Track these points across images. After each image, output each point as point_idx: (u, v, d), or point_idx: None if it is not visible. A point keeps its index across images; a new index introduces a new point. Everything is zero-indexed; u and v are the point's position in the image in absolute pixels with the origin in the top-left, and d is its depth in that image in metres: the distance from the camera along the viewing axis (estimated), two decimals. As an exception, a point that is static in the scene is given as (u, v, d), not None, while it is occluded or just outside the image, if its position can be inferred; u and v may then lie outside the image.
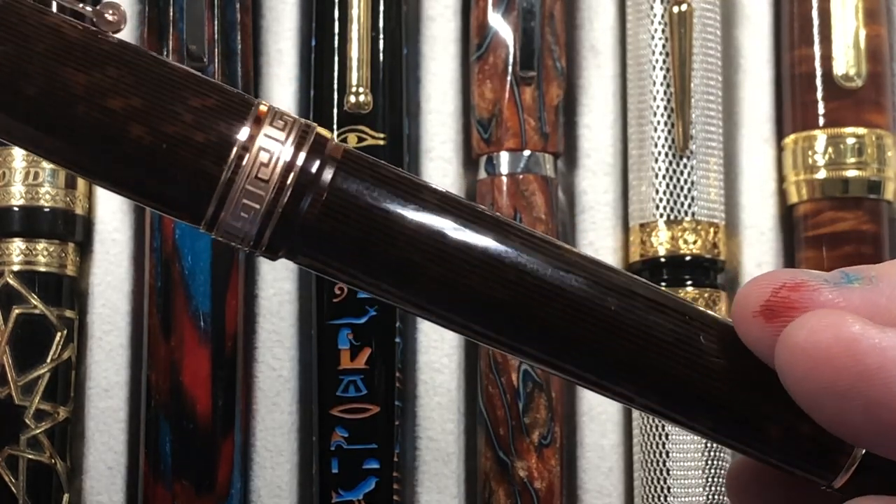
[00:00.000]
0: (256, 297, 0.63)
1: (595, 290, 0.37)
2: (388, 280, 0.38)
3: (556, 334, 0.37)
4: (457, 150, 0.64)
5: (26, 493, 0.59)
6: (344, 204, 0.37)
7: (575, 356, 0.38)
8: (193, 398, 0.59)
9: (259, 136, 0.37)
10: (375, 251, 0.37)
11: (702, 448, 0.61)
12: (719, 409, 0.38)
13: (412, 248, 0.37)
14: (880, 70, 0.64)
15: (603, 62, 0.65)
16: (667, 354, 0.37)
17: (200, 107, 0.37)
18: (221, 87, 0.38)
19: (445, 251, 0.37)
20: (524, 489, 0.61)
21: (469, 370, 0.63)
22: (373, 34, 0.62)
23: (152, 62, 0.37)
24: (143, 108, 0.36)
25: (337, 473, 0.60)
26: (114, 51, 0.37)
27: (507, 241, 0.38)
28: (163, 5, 0.61)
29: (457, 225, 0.37)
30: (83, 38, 0.37)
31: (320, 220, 0.37)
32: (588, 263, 0.38)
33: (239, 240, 0.38)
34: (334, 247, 0.38)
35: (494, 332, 0.38)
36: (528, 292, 0.37)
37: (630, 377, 0.38)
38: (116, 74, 0.36)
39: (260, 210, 0.37)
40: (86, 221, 0.62)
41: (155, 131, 0.36)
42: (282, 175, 0.37)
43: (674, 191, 0.63)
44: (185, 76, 0.37)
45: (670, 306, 0.38)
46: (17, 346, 0.60)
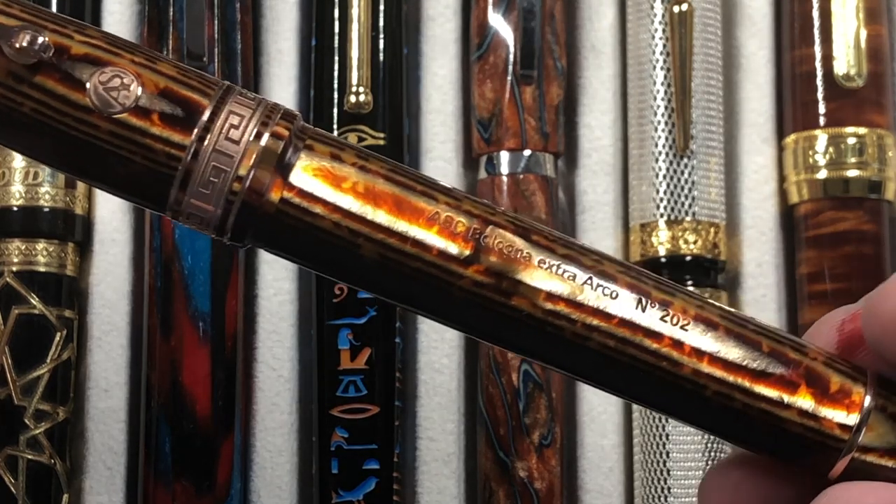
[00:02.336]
0: (256, 297, 0.62)
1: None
2: (356, 272, 0.37)
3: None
4: (457, 150, 0.64)
5: (26, 494, 0.59)
6: (302, 202, 0.36)
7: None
8: (193, 398, 0.59)
9: (221, 115, 0.36)
10: (340, 250, 0.37)
11: (702, 448, 0.61)
12: (715, 407, 0.38)
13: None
14: (881, 70, 0.64)
15: (603, 62, 0.65)
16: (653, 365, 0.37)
17: (162, 88, 0.36)
18: (182, 66, 0.37)
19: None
20: (524, 489, 0.61)
21: (469, 370, 0.63)
22: (373, 34, 0.62)
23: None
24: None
25: (337, 473, 0.60)
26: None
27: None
28: (163, 5, 0.61)
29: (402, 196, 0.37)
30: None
31: (284, 204, 0.36)
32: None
33: (203, 225, 0.37)
34: (299, 233, 0.37)
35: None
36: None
37: (633, 390, 0.38)
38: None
39: (217, 207, 0.36)
40: (85, 221, 0.62)
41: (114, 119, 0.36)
42: (247, 150, 0.36)
43: (674, 191, 0.63)
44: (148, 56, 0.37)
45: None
46: (16, 347, 0.60)
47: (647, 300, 0.37)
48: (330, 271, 0.38)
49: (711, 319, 0.38)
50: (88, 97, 0.36)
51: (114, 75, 0.36)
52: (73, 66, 0.36)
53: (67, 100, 0.36)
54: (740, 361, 0.37)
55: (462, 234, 0.37)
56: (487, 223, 0.37)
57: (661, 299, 0.37)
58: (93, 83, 0.36)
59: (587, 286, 0.37)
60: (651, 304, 0.37)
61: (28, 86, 0.36)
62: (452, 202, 0.37)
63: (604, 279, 0.37)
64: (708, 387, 0.37)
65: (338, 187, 0.37)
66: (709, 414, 0.38)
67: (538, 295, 0.37)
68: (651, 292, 0.37)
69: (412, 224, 0.37)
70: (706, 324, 0.37)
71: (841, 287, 0.62)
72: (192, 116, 0.36)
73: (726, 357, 0.37)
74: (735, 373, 0.37)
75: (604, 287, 0.37)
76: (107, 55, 0.37)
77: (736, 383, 0.37)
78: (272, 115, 0.37)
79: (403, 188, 0.37)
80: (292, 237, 0.37)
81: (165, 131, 0.36)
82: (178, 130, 0.36)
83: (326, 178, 0.37)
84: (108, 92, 0.36)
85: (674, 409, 0.38)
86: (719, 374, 0.37)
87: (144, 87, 0.36)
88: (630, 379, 0.37)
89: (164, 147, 0.36)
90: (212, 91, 0.37)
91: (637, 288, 0.37)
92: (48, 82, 0.36)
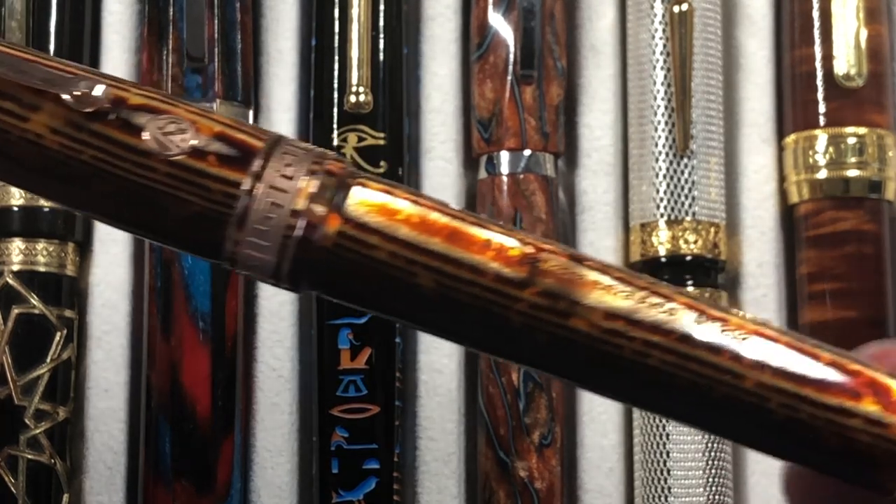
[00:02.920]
0: (256, 297, 0.62)
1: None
2: (415, 310, 0.38)
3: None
4: (457, 150, 0.64)
5: (26, 493, 0.59)
6: (359, 234, 0.37)
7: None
8: (193, 398, 0.59)
9: (275, 155, 0.37)
10: (397, 281, 0.37)
11: (702, 448, 0.61)
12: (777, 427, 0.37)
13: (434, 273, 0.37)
14: (881, 69, 0.64)
15: (603, 62, 0.65)
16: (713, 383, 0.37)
17: (216, 132, 0.37)
18: (230, 121, 0.38)
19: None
20: (524, 489, 0.61)
21: (469, 370, 0.63)
22: (373, 34, 0.62)
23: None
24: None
25: (337, 473, 0.60)
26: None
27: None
28: (163, 5, 0.61)
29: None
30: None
31: (341, 237, 0.37)
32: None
33: (260, 268, 0.37)
34: (356, 267, 0.37)
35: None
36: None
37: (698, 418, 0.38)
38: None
39: (275, 245, 0.37)
40: (85, 221, 0.62)
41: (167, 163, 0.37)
42: (302, 186, 0.37)
43: (674, 191, 0.63)
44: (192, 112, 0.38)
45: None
46: (16, 346, 0.60)
47: (704, 316, 0.37)
48: (387, 306, 0.38)
49: (768, 334, 0.37)
50: (146, 141, 0.37)
51: (170, 121, 0.37)
52: (130, 114, 0.37)
53: (126, 145, 0.37)
54: (803, 372, 0.37)
55: (516, 258, 0.37)
56: (540, 249, 0.37)
57: (717, 316, 0.37)
58: (150, 129, 0.37)
59: (644, 304, 0.37)
60: (709, 319, 0.37)
61: (87, 133, 0.37)
62: (504, 231, 0.38)
63: (659, 297, 0.37)
64: (772, 399, 0.37)
65: (392, 218, 0.37)
66: (774, 429, 0.37)
67: (596, 314, 0.37)
68: (706, 310, 0.37)
69: (467, 251, 0.37)
70: (764, 337, 0.37)
71: (841, 287, 0.62)
72: (248, 156, 0.37)
73: (788, 368, 0.37)
74: (798, 383, 0.37)
75: (660, 305, 0.37)
76: (162, 105, 0.37)
77: (800, 394, 0.37)
78: (324, 156, 0.38)
79: (455, 219, 0.37)
80: (349, 272, 0.37)
81: (222, 171, 0.37)
82: (235, 170, 0.37)
83: (381, 211, 0.37)
84: (165, 136, 0.37)
85: (737, 427, 0.38)
86: (783, 385, 0.37)
87: (200, 132, 0.37)
88: (691, 396, 0.37)
89: (221, 186, 0.37)
90: (264, 137, 0.38)
91: (692, 306, 0.37)
92: (107, 129, 0.37)
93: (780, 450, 0.38)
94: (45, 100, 0.37)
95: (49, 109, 0.37)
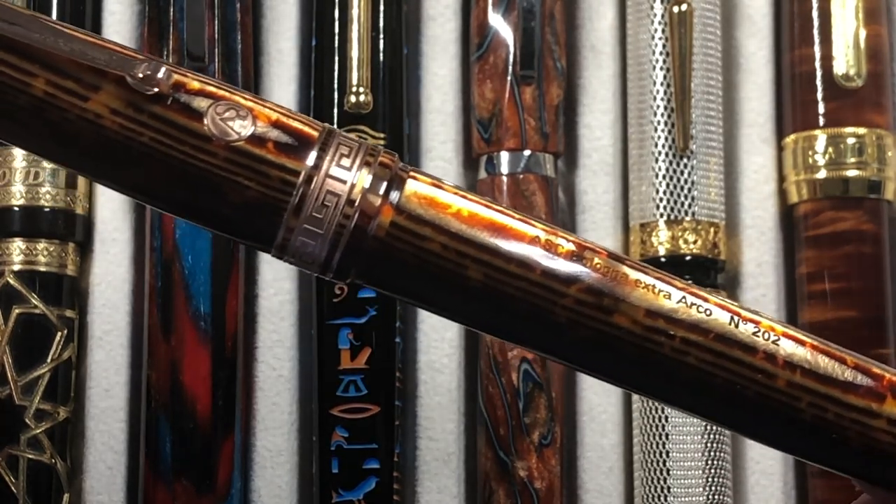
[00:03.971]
0: (256, 297, 0.63)
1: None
2: (461, 302, 0.38)
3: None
4: (457, 150, 0.64)
5: (26, 493, 0.59)
6: (412, 225, 0.37)
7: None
8: (193, 398, 0.59)
9: (332, 145, 0.38)
10: (447, 273, 0.38)
11: (702, 448, 0.61)
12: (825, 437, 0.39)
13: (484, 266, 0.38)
14: (880, 70, 0.64)
15: (603, 62, 0.65)
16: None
17: (274, 120, 0.37)
18: (284, 110, 0.38)
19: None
20: (524, 489, 0.61)
21: (469, 370, 0.63)
22: (373, 34, 0.62)
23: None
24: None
25: (337, 473, 0.60)
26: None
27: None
28: (163, 5, 0.61)
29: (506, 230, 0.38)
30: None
31: (393, 228, 0.37)
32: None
33: (309, 258, 0.38)
34: (406, 258, 0.38)
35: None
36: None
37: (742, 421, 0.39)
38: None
39: (328, 234, 0.37)
40: (86, 221, 0.62)
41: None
42: (358, 176, 0.37)
43: (674, 191, 0.63)
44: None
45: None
46: (17, 346, 0.60)
47: (738, 318, 0.38)
48: (433, 298, 0.39)
49: (798, 337, 0.39)
50: (206, 126, 0.37)
51: (229, 107, 0.37)
52: (190, 98, 0.37)
53: (186, 128, 0.37)
54: (831, 374, 0.39)
55: (563, 254, 0.38)
56: (584, 248, 0.38)
57: (750, 318, 0.39)
58: (210, 114, 0.37)
59: (682, 304, 0.38)
60: (742, 321, 0.38)
61: (148, 115, 0.37)
62: (549, 229, 0.39)
63: (697, 298, 0.38)
64: (802, 398, 0.38)
65: (444, 212, 0.38)
66: (803, 428, 0.39)
67: (638, 312, 0.38)
68: (740, 312, 0.39)
69: (516, 244, 0.38)
70: (794, 340, 0.39)
71: (840, 287, 0.62)
72: (305, 146, 0.37)
73: (817, 370, 0.38)
74: (827, 385, 0.38)
75: (698, 305, 0.38)
76: (221, 91, 0.38)
77: (828, 394, 0.38)
78: (376, 149, 0.38)
79: (503, 214, 0.38)
80: (399, 264, 0.38)
81: (280, 158, 0.37)
82: (293, 158, 0.37)
83: (432, 204, 0.38)
84: (224, 122, 0.37)
85: (769, 425, 0.39)
86: (812, 385, 0.38)
87: (258, 119, 0.37)
88: (727, 395, 0.39)
89: (279, 173, 0.37)
90: (318, 127, 0.38)
91: (727, 308, 0.39)
92: (168, 112, 0.37)
93: (808, 449, 0.40)
94: (107, 80, 0.37)
95: (110, 90, 0.37)
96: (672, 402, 0.40)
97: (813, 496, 0.62)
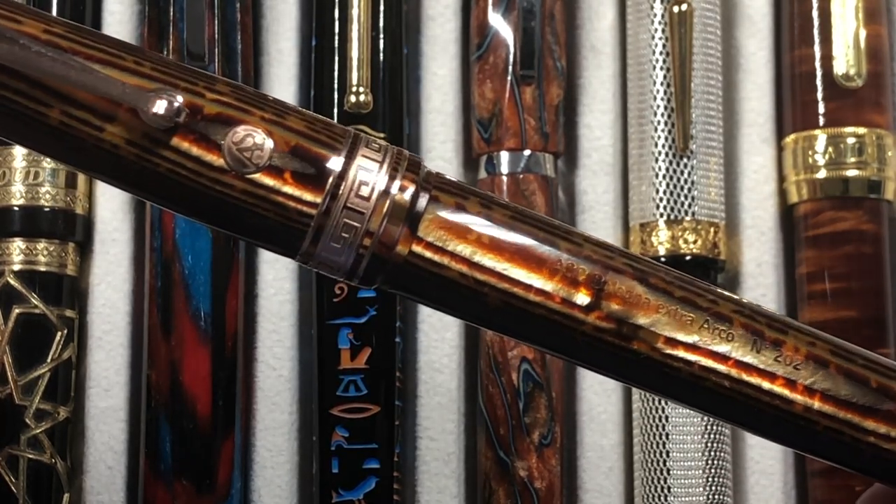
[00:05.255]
0: (256, 297, 0.63)
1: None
2: (487, 312, 0.38)
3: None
4: (457, 150, 0.64)
5: (26, 493, 0.59)
6: (439, 234, 0.37)
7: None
8: (193, 398, 0.59)
9: (350, 171, 0.37)
10: (466, 296, 0.38)
11: (702, 448, 0.61)
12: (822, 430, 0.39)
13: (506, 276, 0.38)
14: (880, 70, 0.64)
15: (603, 62, 0.65)
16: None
17: (293, 146, 0.37)
18: (309, 117, 0.38)
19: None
20: (524, 489, 0.61)
21: (469, 370, 0.63)
22: (373, 34, 0.62)
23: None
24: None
25: (337, 473, 0.60)
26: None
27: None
28: (163, 5, 0.61)
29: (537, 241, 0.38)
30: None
31: (412, 256, 0.38)
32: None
33: (334, 271, 0.38)
34: (427, 282, 0.38)
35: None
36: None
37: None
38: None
39: (348, 258, 0.37)
40: (86, 221, 0.62)
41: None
42: (377, 206, 0.37)
43: (674, 191, 0.63)
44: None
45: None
46: (17, 346, 0.60)
47: (761, 340, 0.38)
48: (458, 314, 0.39)
49: (822, 357, 0.39)
50: (223, 158, 0.37)
51: (246, 135, 0.37)
52: (206, 128, 0.37)
53: (202, 161, 0.37)
54: (850, 399, 0.39)
55: (584, 281, 0.38)
56: (607, 268, 0.38)
57: (774, 339, 0.39)
58: (227, 144, 0.37)
59: (704, 329, 0.38)
60: (765, 345, 0.38)
61: (163, 147, 0.37)
62: (573, 248, 0.38)
63: (719, 321, 0.38)
64: (819, 422, 0.39)
65: (463, 239, 0.38)
66: (819, 446, 0.39)
67: (657, 339, 0.38)
68: (764, 331, 0.39)
69: (535, 274, 0.38)
70: (817, 361, 0.39)
71: (840, 287, 0.62)
72: (323, 174, 0.37)
73: (837, 395, 0.39)
74: (845, 409, 0.39)
75: (720, 329, 0.38)
76: (238, 113, 0.37)
77: (846, 419, 0.39)
78: (399, 164, 0.38)
79: (526, 235, 0.38)
80: (421, 284, 0.38)
81: (298, 189, 0.37)
82: (310, 188, 0.37)
83: (452, 231, 0.38)
84: (241, 153, 0.37)
85: (785, 440, 0.40)
86: (830, 410, 0.39)
87: (276, 146, 0.37)
88: (744, 415, 0.39)
89: (296, 205, 0.37)
90: (340, 143, 0.37)
91: (751, 328, 0.39)
92: (183, 144, 0.37)
93: (825, 457, 0.40)
94: (121, 111, 0.36)
95: (124, 121, 0.36)
96: (691, 408, 0.40)
97: (813, 496, 0.62)
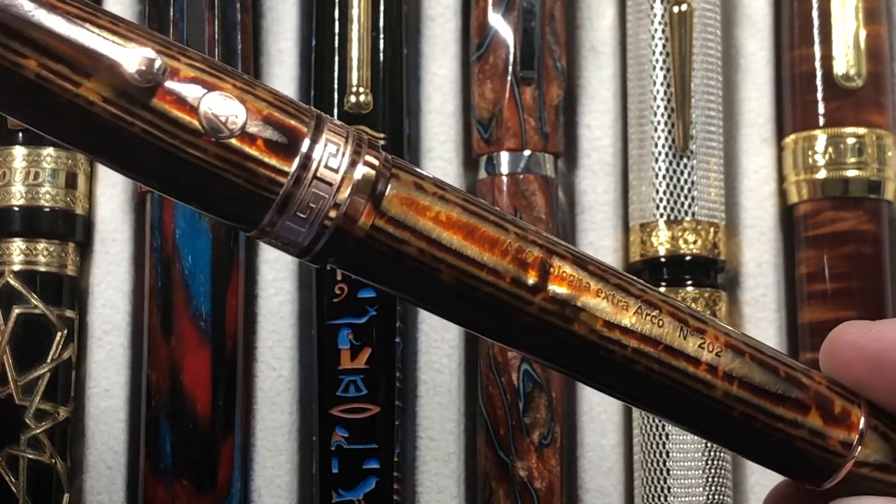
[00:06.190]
0: (256, 297, 0.63)
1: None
2: (437, 298, 0.39)
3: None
4: (457, 150, 0.64)
5: (26, 493, 0.59)
6: (391, 229, 0.38)
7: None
8: (193, 398, 0.59)
9: (320, 143, 0.38)
10: (421, 274, 0.39)
11: (702, 448, 0.61)
12: (727, 419, 0.41)
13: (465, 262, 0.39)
14: (880, 70, 0.64)
15: (603, 62, 0.65)
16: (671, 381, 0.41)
17: (265, 115, 0.37)
18: (275, 92, 0.38)
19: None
20: (524, 489, 0.61)
21: (469, 370, 0.63)
22: (373, 34, 0.62)
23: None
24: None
25: (337, 473, 0.60)
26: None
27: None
28: (163, 5, 0.61)
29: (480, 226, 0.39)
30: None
31: (374, 230, 0.38)
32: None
33: (289, 246, 0.38)
34: (384, 258, 0.38)
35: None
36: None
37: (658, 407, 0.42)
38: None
39: (311, 231, 0.38)
40: (86, 221, 0.62)
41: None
42: (345, 177, 0.37)
43: (674, 191, 0.63)
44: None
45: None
46: (17, 346, 0.60)
47: (686, 327, 0.40)
48: (407, 294, 0.40)
49: (738, 346, 0.41)
50: (199, 121, 0.37)
51: (223, 100, 0.37)
52: (184, 90, 0.37)
53: (179, 123, 0.37)
54: (763, 385, 0.41)
55: (532, 263, 0.39)
56: (552, 253, 0.40)
57: (697, 327, 0.41)
58: (203, 107, 0.37)
59: (637, 314, 0.40)
60: (690, 331, 0.40)
61: (141, 107, 0.36)
62: (520, 232, 0.40)
63: (650, 308, 0.40)
64: (735, 408, 0.41)
65: (423, 216, 0.38)
66: (732, 432, 0.41)
67: (596, 322, 0.40)
68: (688, 320, 0.41)
69: (488, 254, 0.39)
70: (734, 350, 0.41)
71: (840, 287, 0.62)
72: (295, 143, 0.37)
73: (752, 381, 0.41)
74: (759, 396, 0.41)
75: (651, 315, 0.40)
76: (213, 79, 0.37)
77: (759, 405, 0.41)
78: (361, 142, 0.38)
79: (478, 217, 0.39)
80: (377, 262, 0.39)
81: (270, 157, 0.37)
82: (282, 157, 0.37)
83: (413, 207, 0.38)
84: (217, 117, 0.37)
85: (702, 427, 0.42)
86: (746, 396, 0.41)
87: (249, 113, 0.37)
88: (669, 399, 0.41)
89: (267, 172, 0.37)
90: (307, 118, 0.38)
91: (677, 316, 0.41)
92: (161, 105, 0.37)
93: (738, 449, 0.43)
94: (101, 67, 0.36)
95: (103, 77, 0.36)
96: (615, 395, 0.42)
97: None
